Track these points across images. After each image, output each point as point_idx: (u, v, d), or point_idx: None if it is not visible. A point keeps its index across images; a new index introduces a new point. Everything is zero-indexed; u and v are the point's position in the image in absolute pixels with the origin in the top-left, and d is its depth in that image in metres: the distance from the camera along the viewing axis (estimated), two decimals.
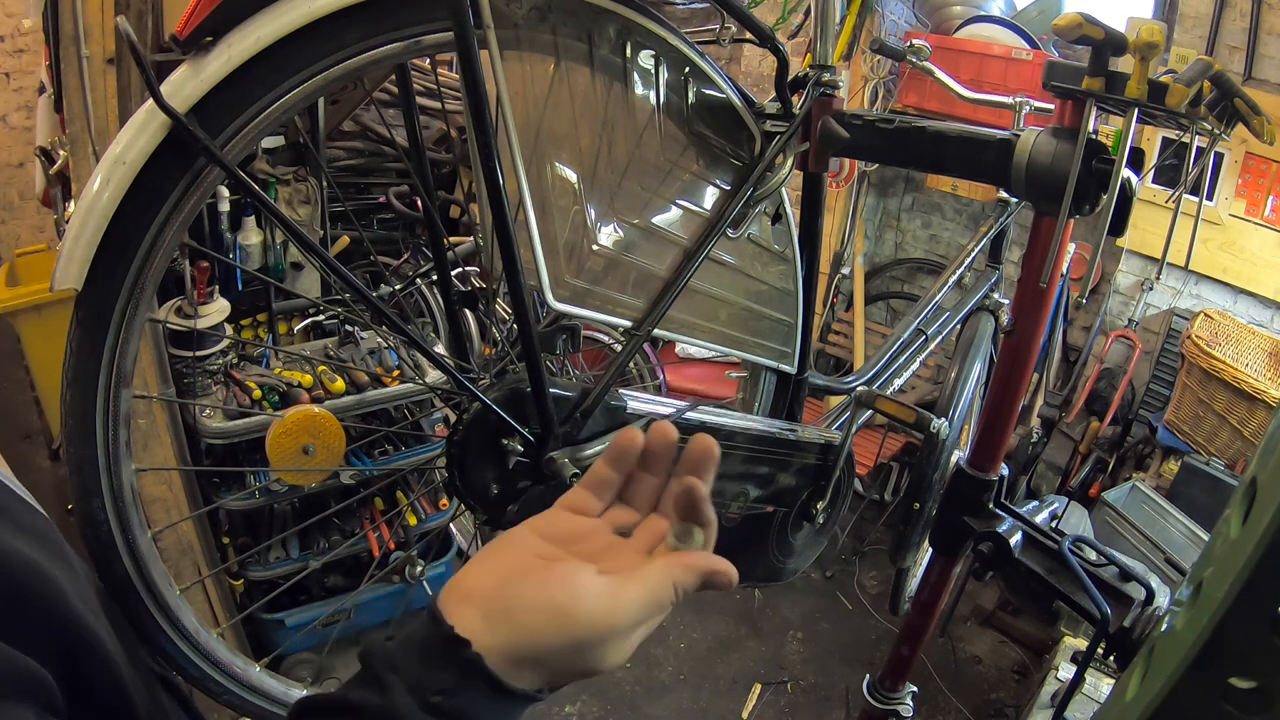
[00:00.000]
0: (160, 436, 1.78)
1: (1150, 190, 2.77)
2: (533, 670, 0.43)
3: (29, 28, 3.56)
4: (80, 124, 1.56)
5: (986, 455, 1.03)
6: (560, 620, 0.42)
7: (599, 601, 0.42)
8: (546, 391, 0.72)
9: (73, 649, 0.46)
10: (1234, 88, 0.78)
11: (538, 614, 0.42)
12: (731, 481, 0.91)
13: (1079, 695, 1.69)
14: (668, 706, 2.50)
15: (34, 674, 0.40)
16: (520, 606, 0.42)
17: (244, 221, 2.24)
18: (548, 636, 0.42)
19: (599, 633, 0.42)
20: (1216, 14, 2.65)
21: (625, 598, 0.43)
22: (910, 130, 0.88)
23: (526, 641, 0.42)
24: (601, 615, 0.42)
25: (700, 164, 0.82)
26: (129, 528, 0.69)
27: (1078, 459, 3.13)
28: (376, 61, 0.66)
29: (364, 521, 2.31)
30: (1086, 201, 0.80)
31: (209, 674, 0.77)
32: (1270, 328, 2.79)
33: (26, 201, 4.36)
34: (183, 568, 1.84)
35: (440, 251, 0.97)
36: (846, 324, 3.73)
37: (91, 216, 0.59)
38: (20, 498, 0.53)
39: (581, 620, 0.42)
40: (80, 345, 0.64)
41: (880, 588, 3.07)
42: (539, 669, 0.43)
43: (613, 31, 0.73)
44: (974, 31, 3.05)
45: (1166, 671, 0.53)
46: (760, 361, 0.97)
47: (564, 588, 0.43)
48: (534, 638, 0.42)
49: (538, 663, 0.42)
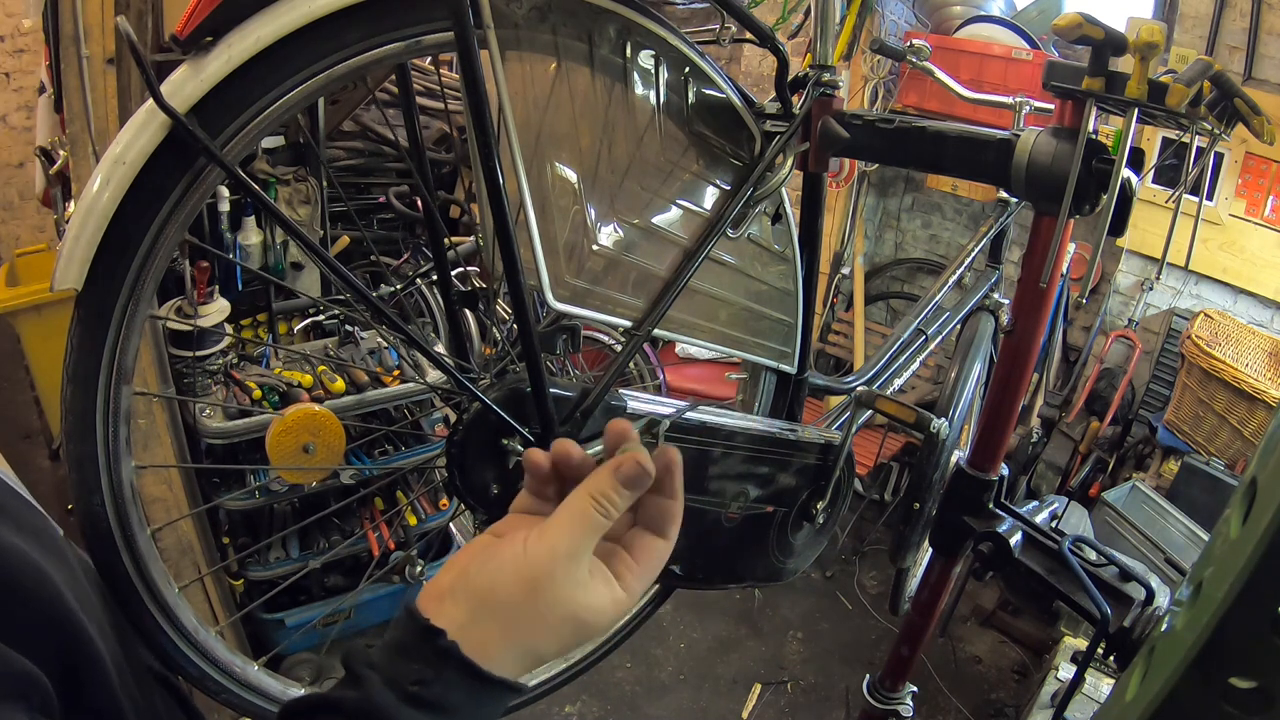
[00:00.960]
0: (160, 436, 1.78)
1: (1150, 190, 2.77)
2: (506, 646, 0.44)
3: (29, 28, 3.56)
4: (80, 124, 1.56)
5: (986, 455, 1.03)
6: (510, 568, 0.45)
7: (535, 541, 0.46)
8: (546, 391, 0.72)
9: (67, 647, 0.46)
10: (1234, 88, 0.78)
11: (490, 573, 0.45)
12: (731, 481, 0.91)
13: (1079, 695, 1.69)
14: (668, 706, 2.50)
15: (28, 674, 0.40)
16: (478, 574, 0.46)
17: (244, 221, 2.24)
18: (502, 586, 0.45)
19: (542, 565, 0.45)
20: (1216, 14, 2.65)
21: (553, 526, 0.46)
22: (910, 130, 0.88)
23: (486, 602, 0.44)
24: (539, 550, 0.45)
25: (700, 164, 0.82)
26: (128, 525, 0.68)
27: (1078, 459, 3.13)
28: (377, 61, 0.66)
29: (364, 521, 2.31)
30: (1086, 201, 0.80)
31: (208, 673, 0.76)
32: (1270, 328, 2.79)
33: (26, 201, 4.36)
34: (182, 567, 1.84)
35: (440, 251, 0.97)
36: (846, 324, 3.72)
37: (91, 216, 0.59)
38: (19, 495, 0.53)
39: (527, 560, 0.45)
40: (81, 342, 0.64)
41: (880, 588, 3.07)
42: (512, 642, 0.44)
43: (613, 31, 0.73)
44: (974, 31, 3.05)
45: (1166, 671, 0.53)
46: (760, 361, 0.97)
47: (510, 544, 0.46)
48: (490, 592, 0.45)
49: (505, 626, 0.44)
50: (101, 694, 0.48)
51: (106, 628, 0.52)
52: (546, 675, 1.02)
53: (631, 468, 0.47)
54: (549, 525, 0.47)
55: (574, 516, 0.46)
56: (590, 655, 1.05)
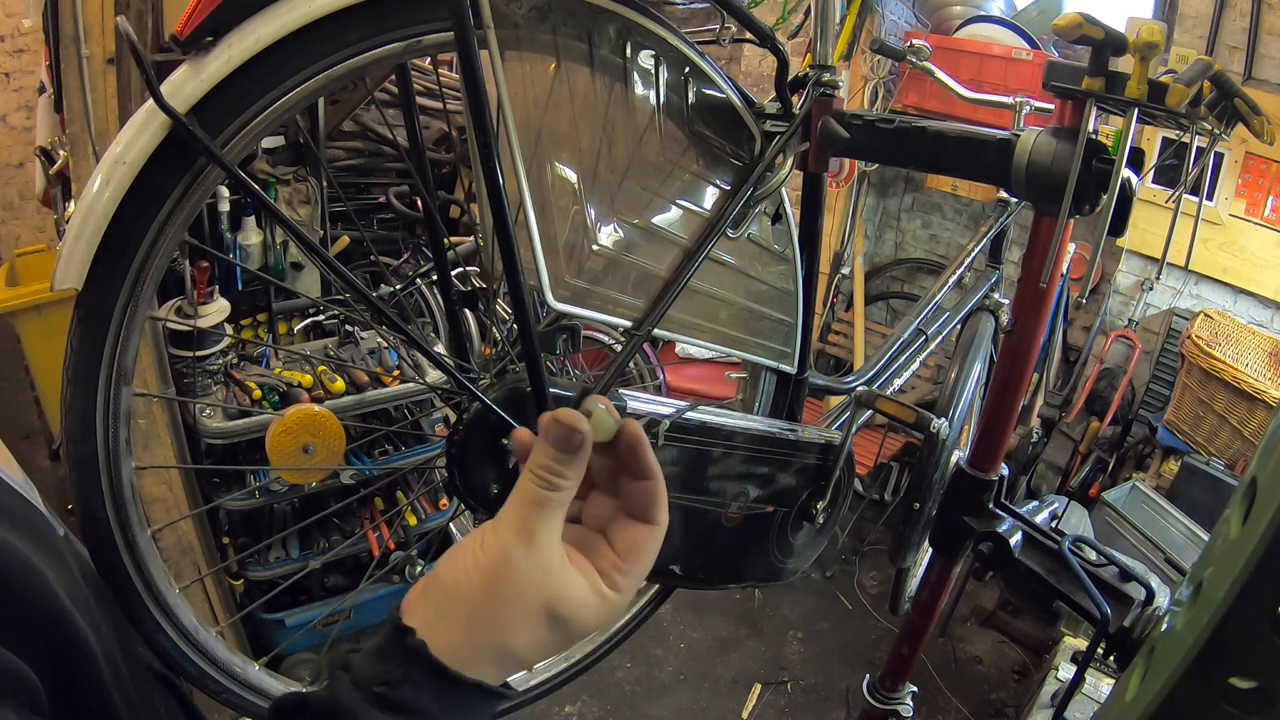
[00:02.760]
0: (160, 436, 1.78)
1: (1150, 190, 2.77)
2: (475, 646, 0.42)
3: (29, 28, 3.56)
4: (80, 124, 1.56)
5: (986, 455, 1.03)
6: (469, 560, 0.43)
7: (490, 531, 0.44)
8: (546, 391, 0.72)
9: (59, 644, 0.46)
10: (1234, 88, 0.78)
11: (453, 567, 0.44)
12: (731, 481, 0.91)
13: (1079, 695, 1.69)
14: (668, 706, 2.50)
15: (17, 671, 0.40)
16: (445, 569, 0.44)
17: (244, 221, 2.25)
18: (463, 580, 0.43)
19: (497, 553, 0.43)
20: (1216, 14, 2.65)
21: (504, 513, 0.44)
22: (910, 130, 0.88)
23: (450, 597, 0.43)
24: (493, 540, 0.43)
25: (700, 164, 0.82)
26: (128, 525, 0.68)
27: (1078, 459, 3.13)
28: (377, 61, 0.66)
29: (364, 521, 2.31)
30: (1086, 201, 0.80)
31: (208, 672, 0.76)
32: (1270, 328, 2.79)
33: (26, 201, 4.37)
34: (183, 567, 1.85)
35: (440, 251, 0.97)
36: (846, 324, 3.72)
37: (91, 216, 0.59)
38: (15, 493, 0.53)
39: (483, 550, 0.43)
40: (81, 342, 0.64)
41: (880, 588, 3.07)
42: (480, 641, 0.42)
43: (613, 31, 0.73)
44: (974, 31, 3.06)
45: (1166, 671, 0.53)
46: (760, 361, 0.97)
47: (472, 537, 0.45)
48: (455, 587, 0.43)
49: (470, 622, 0.42)
50: (94, 692, 0.48)
51: (103, 627, 0.52)
52: (546, 675, 1.02)
53: (555, 428, 0.44)
54: (501, 512, 0.44)
55: (521, 499, 0.44)
56: (590, 655, 1.05)
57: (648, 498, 0.47)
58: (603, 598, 0.45)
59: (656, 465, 0.48)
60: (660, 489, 0.48)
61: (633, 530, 0.48)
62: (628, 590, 0.47)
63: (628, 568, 0.47)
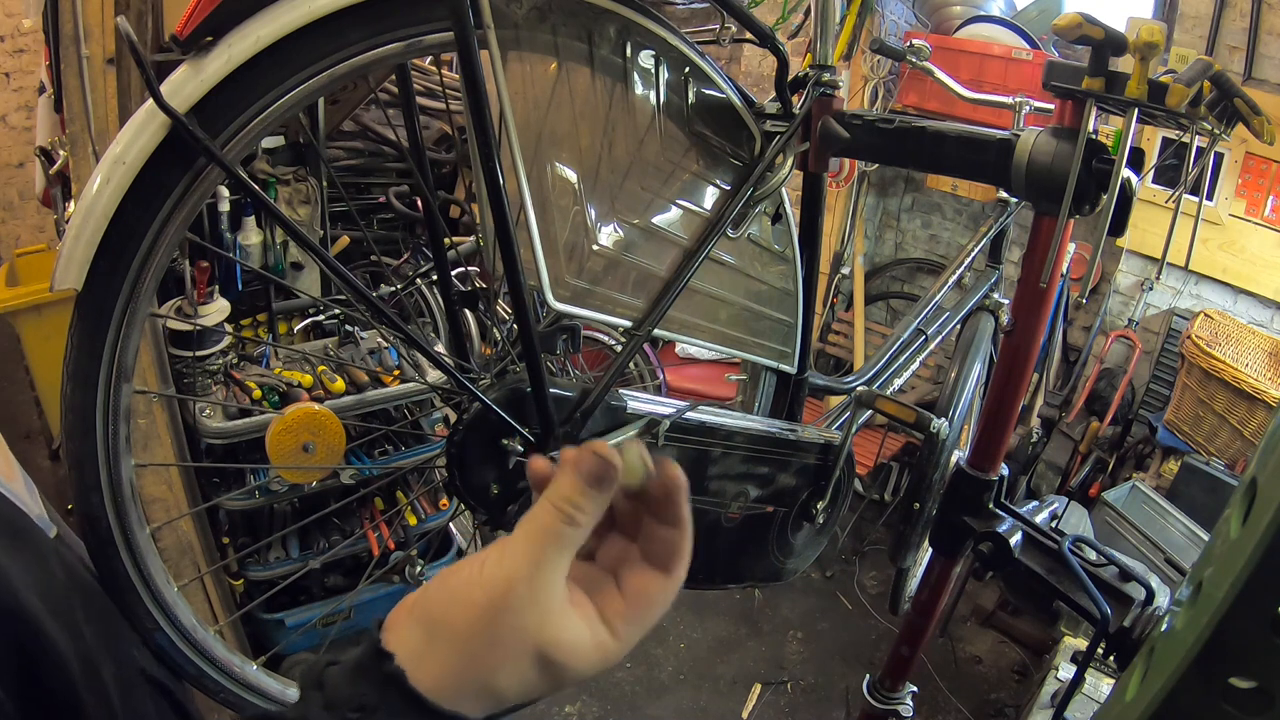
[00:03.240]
0: (160, 436, 1.78)
1: (1150, 190, 2.77)
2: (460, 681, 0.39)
3: (29, 28, 3.56)
4: (80, 124, 1.56)
5: (986, 455, 1.03)
6: (465, 590, 0.40)
7: (494, 561, 0.40)
8: (547, 391, 0.72)
9: (12, 639, 0.45)
10: (1234, 88, 0.78)
11: (447, 594, 0.41)
12: (731, 481, 0.91)
13: (1079, 695, 1.69)
14: (668, 706, 2.50)
15: None
16: (437, 593, 0.41)
17: (244, 221, 2.25)
18: (456, 611, 0.40)
19: (498, 588, 0.39)
20: (1216, 14, 2.65)
21: (512, 543, 0.41)
22: (910, 130, 0.88)
23: (440, 625, 0.40)
24: (496, 572, 0.40)
25: (700, 164, 0.82)
26: (128, 524, 0.69)
27: (1078, 459, 3.13)
28: (377, 61, 0.66)
29: (364, 521, 2.31)
30: (1086, 201, 0.80)
31: (206, 672, 0.77)
32: (1270, 328, 2.79)
33: (26, 201, 4.37)
34: (182, 566, 1.84)
35: (440, 251, 0.97)
36: (846, 324, 3.72)
37: (91, 216, 0.59)
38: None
39: (482, 582, 0.40)
40: (81, 340, 0.64)
41: (880, 588, 3.07)
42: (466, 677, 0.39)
43: (613, 31, 0.73)
44: (974, 31, 3.05)
45: (1166, 671, 0.53)
46: (760, 361, 0.97)
47: (471, 563, 0.41)
48: (445, 615, 0.40)
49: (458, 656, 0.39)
50: (57, 691, 0.47)
51: (84, 630, 0.51)
52: None
53: (591, 461, 0.40)
54: (509, 542, 0.41)
55: (534, 530, 0.40)
56: None
57: (671, 547, 0.44)
58: (601, 648, 0.42)
59: (689, 516, 0.45)
60: (686, 541, 0.45)
61: (647, 578, 0.44)
62: (629, 641, 0.43)
63: (633, 616, 0.43)
